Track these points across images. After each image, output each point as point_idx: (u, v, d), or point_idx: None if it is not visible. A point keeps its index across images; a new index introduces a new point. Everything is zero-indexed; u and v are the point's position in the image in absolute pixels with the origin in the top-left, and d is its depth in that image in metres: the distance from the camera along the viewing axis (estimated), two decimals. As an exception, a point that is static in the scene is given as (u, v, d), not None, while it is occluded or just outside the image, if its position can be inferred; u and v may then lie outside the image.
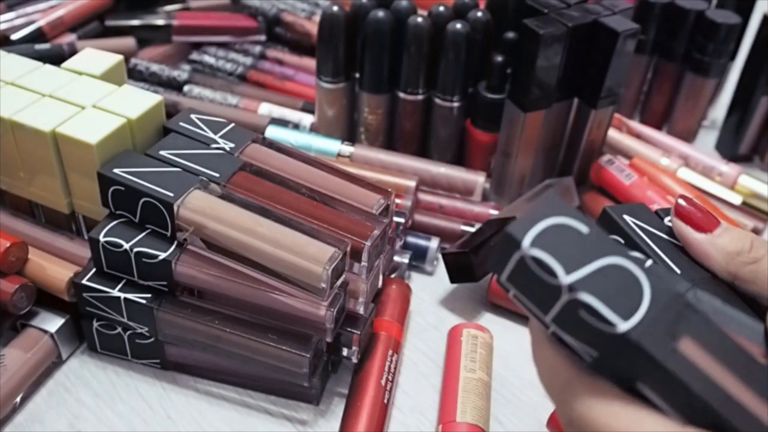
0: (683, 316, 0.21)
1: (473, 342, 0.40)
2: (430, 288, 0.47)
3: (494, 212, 0.49)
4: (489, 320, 0.45)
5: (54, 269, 0.38)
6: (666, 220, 0.30)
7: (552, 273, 0.21)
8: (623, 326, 0.21)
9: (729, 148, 0.62)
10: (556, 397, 0.24)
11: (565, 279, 0.21)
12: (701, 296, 0.25)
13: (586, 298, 0.21)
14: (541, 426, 0.39)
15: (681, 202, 0.28)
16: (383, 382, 0.38)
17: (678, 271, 0.26)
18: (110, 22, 0.64)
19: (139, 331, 0.38)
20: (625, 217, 0.28)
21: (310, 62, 0.63)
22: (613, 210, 0.28)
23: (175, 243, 0.36)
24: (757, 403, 0.21)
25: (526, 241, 0.22)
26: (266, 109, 0.57)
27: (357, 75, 0.52)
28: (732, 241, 0.27)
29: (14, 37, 0.59)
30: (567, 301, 0.21)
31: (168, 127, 0.40)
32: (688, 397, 0.21)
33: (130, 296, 0.37)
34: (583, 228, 0.22)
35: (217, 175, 0.37)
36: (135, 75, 0.61)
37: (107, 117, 0.38)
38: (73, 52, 0.57)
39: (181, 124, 0.40)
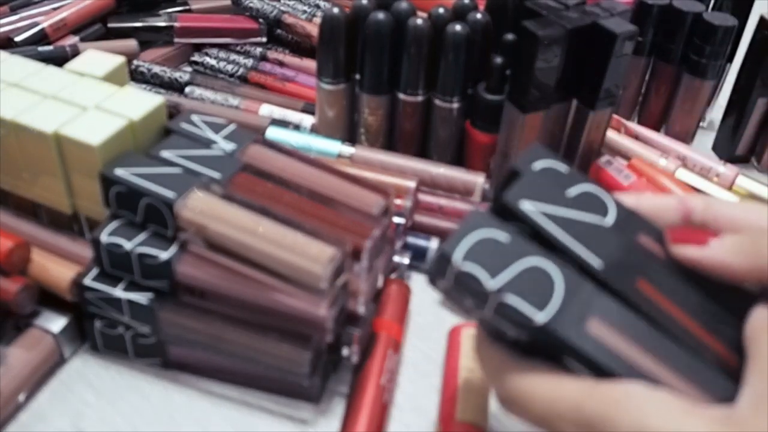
0: (590, 300, 0.25)
1: (473, 342, 0.40)
2: (430, 288, 0.47)
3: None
4: (488, 320, 0.45)
5: (56, 269, 0.39)
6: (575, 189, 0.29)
7: (480, 281, 0.25)
8: (539, 318, 0.24)
9: (726, 149, 0.62)
10: (494, 382, 0.28)
11: (490, 284, 0.25)
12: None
13: (507, 298, 0.25)
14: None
15: (673, 229, 0.28)
16: (383, 381, 0.38)
17: (590, 260, 0.26)
18: (112, 24, 0.65)
19: (141, 330, 0.38)
20: (526, 205, 0.27)
21: (311, 64, 0.64)
22: (510, 198, 0.27)
23: (177, 243, 0.36)
24: (657, 367, 0.24)
25: (457, 257, 0.25)
26: (267, 110, 0.58)
27: (357, 76, 0.53)
28: (727, 246, 0.27)
29: (17, 39, 0.59)
30: (495, 303, 0.25)
31: (169, 128, 0.40)
32: (600, 368, 0.24)
33: (132, 296, 0.37)
34: (503, 236, 0.26)
35: (219, 175, 0.37)
36: (137, 76, 0.61)
37: (109, 118, 0.38)
38: (75, 53, 0.57)
39: (183, 125, 0.40)
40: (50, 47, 0.59)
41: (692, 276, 0.27)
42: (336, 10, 0.49)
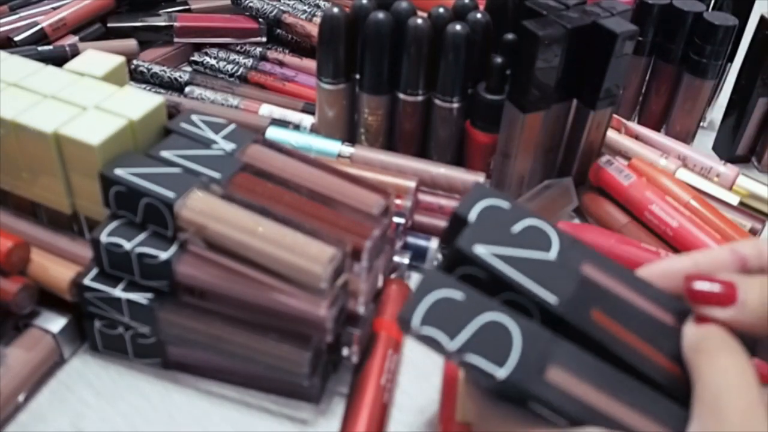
0: (547, 348, 0.25)
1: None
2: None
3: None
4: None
5: (56, 269, 0.39)
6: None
7: (440, 343, 0.26)
8: (500, 373, 0.25)
9: (726, 149, 0.62)
10: (475, 424, 0.29)
11: (450, 346, 0.26)
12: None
13: (468, 358, 0.25)
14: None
15: (694, 286, 0.26)
16: (383, 382, 0.38)
17: (546, 297, 0.27)
18: (112, 24, 0.65)
19: (141, 331, 0.38)
20: (479, 249, 0.27)
21: (311, 63, 0.64)
22: (463, 244, 0.28)
23: (177, 243, 0.36)
24: (616, 406, 0.25)
25: (416, 322, 0.26)
26: (267, 110, 0.58)
27: (357, 76, 0.53)
28: (760, 298, 0.25)
29: (17, 38, 0.59)
30: (458, 360, 0.26)
31: (169, 128, 0.40)
32: (563, 414, 0.25)
33: (131, 296, 0.37)
34: (458, 295, 0.26)
35: (218, 175, 0.37)
36: (137, 76, 0.61)
37: (109, 118, 0.38)
38: (75, 53, 0.57)
39: (183, 125, 0.40)
40: (50, 47, 0.59)
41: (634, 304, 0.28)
42: (336, 9, 0.49)
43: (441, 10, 0.51)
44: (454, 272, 0.28)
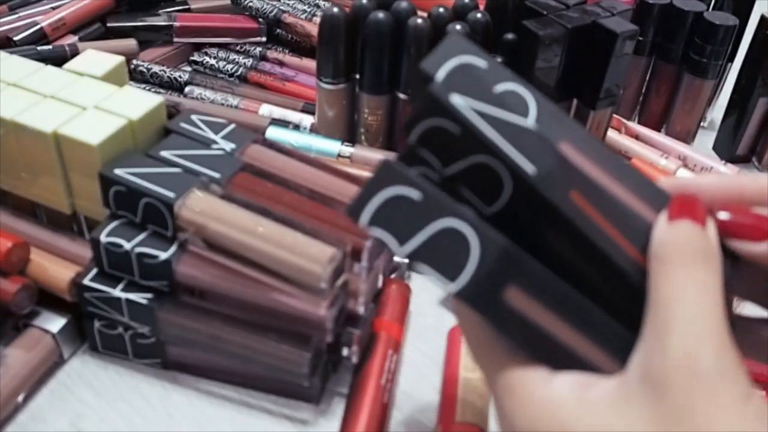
0: (508, 266, 0.22)
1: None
2: (430, 288, 0.47)
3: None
4: (488, 320, 0.45)
5: (56, 269, 0.39)
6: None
7: (389, 246, 0.23)
8: (453, 287, 0.22)
9: (726, 149, 0.62)
10: (485, 371, 0.25)
11: (400, 251, 0.23)
12: None
13: (419, 265, 0.23)
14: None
15: (722, 216, 0.23)
16: (383, 382, 0.38)
17: (524, 166, 0.23)
18: (112, 24, 0.64)
19: (141, 331, 0.38)
20: (456, 99, 0.23)
21: (311, 63, 0.64)
22: (440, 91, 0.23)
23: (176, 243, 0.36)
24: (571, 336, 0.22)
25: (364, 220, 0.23)
26: (267, 109, 0.57)
27: (357, 76, 0.53)
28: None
29: (16, 38, 0.59)
30: (409, 265, 0.22)
31: (169, 127, 0.40)
32: (520, 340, 0.23)
33: (131, 296, 0.37)
34: (416, 195, 0.23)
35: (218, 175, 0.37)
36: (136, 76, 0.61)
37: (109, 118, 0.38)
38: (74, 53, 0.57)
39: (182, 124, 0.40)
40: (49, 47, 0.59)
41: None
42: (336, 9, 0.49)
43: (441, 9, 0.51)
44: (422, 123, 0.24)
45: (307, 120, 0.57)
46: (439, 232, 0.22)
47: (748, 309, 0.27)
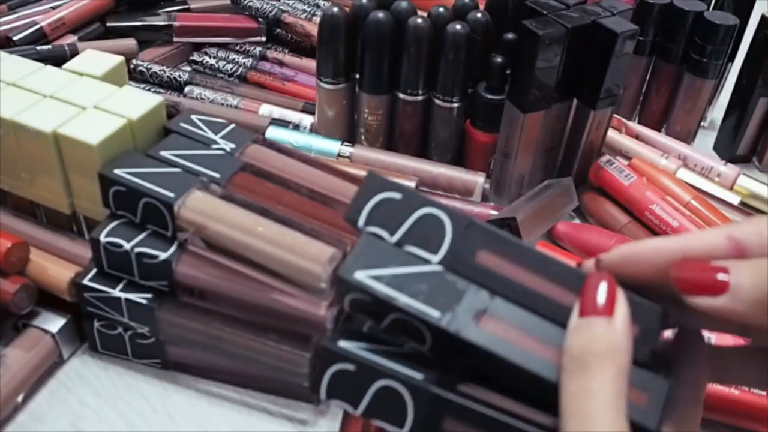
0: (438, 405, 0.25)
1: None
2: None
3: (494, 213, 0.49)
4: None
5: (55, 269, 0.39)
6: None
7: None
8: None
9: (727, 148, 0.62)
10: None
11: (357, 413, 0.26)
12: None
13: (374, 421, 0.26)
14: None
15: (676, 274, 0.23)
16: (383, 381, 0.38)
17: (435, 315, 0.26)
18: (111, 24, 0.64)
19: (140, 331, 0.38)
20: (358, 275, 0.26)
21: (311, 63, 0.63)
22: (344, 275, 0.27)
23: (176, 243, 0.36)
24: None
25: (323, 397, 0.26)
26: (266, 109, 0.57)
27: (357, 76, 0.53)
28: (753, 283, 0.22)
29: (16, 38, 0.59)
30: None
31: (169, 127, 0.40)
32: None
33: (131, 296, 0.37)
34: (351, 367, 0.26)
35: (218, 175, 0.37)
36: (136, 76, 0.61)
37: (108, 118, 0.38)
38: (74, 53, 0.57)
39: (182, 124, 0.40)
40: (49, 46, 0.59)
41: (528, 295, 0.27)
42: (336, 9, 0.49)
43: (441, 9, 0.51)
44: (345, 297, 0.27)
45: (307, 120, 0.56)
46: (378, 393, 0.26)
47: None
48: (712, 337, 0.40)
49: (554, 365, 0.25)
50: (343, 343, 0.27)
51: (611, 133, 0.57)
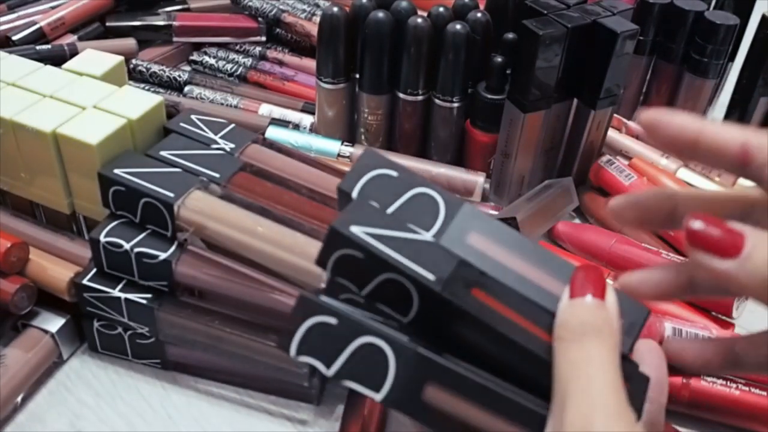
0: (423, 368, 0.25)
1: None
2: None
3: (494, 213, 0.49)
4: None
5: (55, 269, 0.39)
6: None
7: (319, 370, 0.25)
8: (378, 397, 0.24)
9: None
10: None
11: (328, 373, 0.25)
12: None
13: (348, 383, 0.25)
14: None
15: (694, 225, 0.22)
16: (383, 381, 0.38)
17: (429, 276, 0.26)
18: (111, 23, 0.64)
19: (140, 331, 0.38)
20: (354, 230, 0.26)
21: (311, 63, 0.63)
22: (340, 225, 0.27)
23: (176, 243, 0.36)
24: (494, 422, 0.24)
25: (293, 352, 0.25)
26: (266, 109, 0.57)
27: (357, 76, 0.53)
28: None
29: (15, 38, 0.59)
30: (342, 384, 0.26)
31: (168, 127, 0.40)
32: (438, 430, 0.25)
33: (130, 296, 0.37)
34: (332, 320, 0.25)
35: (218, 175, 0.37)
36: (135, 76, 0.61)
37: (108, 117, 0.38)
38: (73, 53, 0.57)
39: (182, 124, 0.40)
40: (48, 46, 0.59)
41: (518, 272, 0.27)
42: (336, 9, 0.49)
43: (441, 9, 0.51)
44: (333, 255, 0.26)
45: (307, 120, 0.56)
46: (358, 351, 0.25)
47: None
48: (714, 330, 0.40)
49: (543, 342, 0.25)
50: (326, 299, 0.25)
51: (611, 133, 0.57)
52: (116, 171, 0.36)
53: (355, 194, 0.28)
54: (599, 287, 0.24)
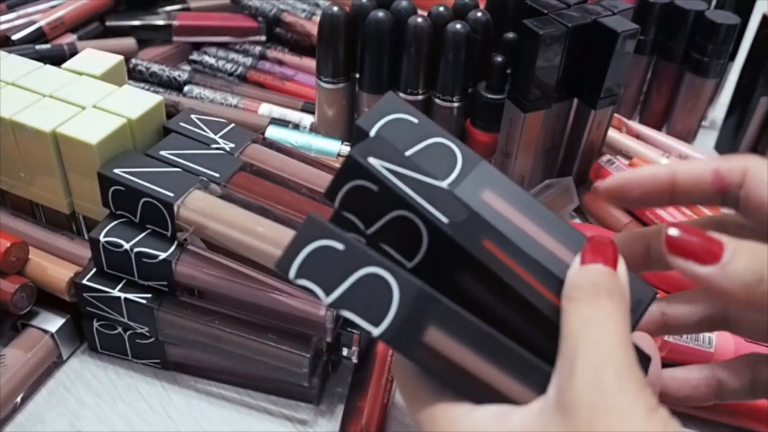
0: (427, 309, 0.24)
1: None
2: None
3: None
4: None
5: (54, 269, 0.38)
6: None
7: (317, 296, 0.24)
8: (376, 332, 0.24)
9: (728, 148, 0.62)
10: (411, 408, 0.26)
11: (326, 300, 0.24)
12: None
13: (345, 313, 0.24)
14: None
15: (671, 232, 0.23)
16: (383, 382, 0.38)
17: (443, 219, 0.25)
18: (111, 23, 0.64)
19: (140, 331, 0.38)
20: (372, 161, 0.25)
21: (311, 62, 0.63)
22: (358, 153, 0.25)
23: (176, 243, 0.36)
24: (494, 374, 0.24)
25: (292, 274, 0.24)
26: (266, 109, 0.57)
27: (357, 75, 0.53)
28: (748, 265, 0.22)
29: (15, 37, 0.59)
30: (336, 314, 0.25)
31: (168, 127, 0.40)
32: (443, 377, 0.24)
33: (130, 296, 0.37)
34: (339, 245, 0.24)
35: (218, 175, 0.37)
36: (135, 75, 0.61)
37: (108, 117, 0.38)
38: (73, 52, 0.57)
39: (182, 124, 0.40)
40: (48, 46, 0.59)
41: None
42: (336, 8, 0.49)
43: (441, 8, 0.51)
44: (346, 184, 0.25)
45: (307, 119, 0.56)
46: (362, 281, 0.24)
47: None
48: (713, 336, 0.40)
49: (550, 301, 0.24)
50: (332, 225, 0.24)
51: (612, 133, 0.57)
52: (116, 171, 0.36)
53: (372, 133, 0.27)
54: (611, 257, 0.24)
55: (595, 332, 0.22)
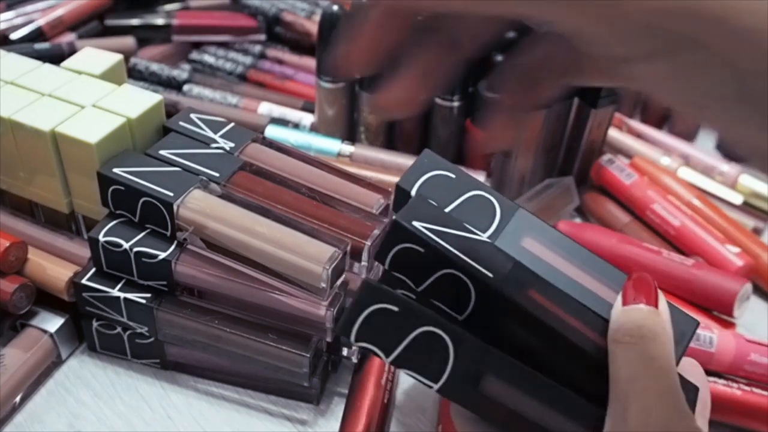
0: (481, 360, 0.25)
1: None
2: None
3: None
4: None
5: (53, 269, 0.38)
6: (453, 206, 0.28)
7: (379, 356, 0.26)
8: (435, 386, 0.25)
9: (729, 147, 0.62)
10: None
11: (388, 360, 0.26)
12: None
13: (405, 371, 0.26)
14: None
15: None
16: (383, 382, 0.38)
17: (489, 274, 0.26)
18: (110, 22, 0.64)
19: (139, 330, 0.38)
20: (417, 225, 0.27)
21: (310, 62, 0.63)
22: (403, 219, 0.27)
23: (175, 243, 0.36)
24: (552, 418, 0.25)
25: (353, 337, 0.26)
26: (266, 108, 0.57)
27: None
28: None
29: (14, 36, 0.59)
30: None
31: (168, 126, 0.40)
32: (500, 422, 0.26)
33: (129, 296, 0.37)
34: (394, 308, 0.25)
35: (217, 174, 0.37)
36: (135, 74, 0.61)
37: (107, 116, 0.38)
38: (72, 51, 0.57)
39: (181, 123, 0.40)
40: (47, 45, 0.59)
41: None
42: (335, 7, 0.49)
43: (441, 7, 0.50)
44: (394, 247, 0.27)
45: (307, 119, 0.56)
46: (418, 339, 0.25)
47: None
48: (714, 336, 0.40)
49: (595, 343, 0.25)
50: (387, 288, 0.25)
51: (612, 132, 0.57)
52: (115, 170, 0.36)
53: (413, 192, 0.28)
54: (652, 295, 0.25)
55: (643, 378, 0.23)
